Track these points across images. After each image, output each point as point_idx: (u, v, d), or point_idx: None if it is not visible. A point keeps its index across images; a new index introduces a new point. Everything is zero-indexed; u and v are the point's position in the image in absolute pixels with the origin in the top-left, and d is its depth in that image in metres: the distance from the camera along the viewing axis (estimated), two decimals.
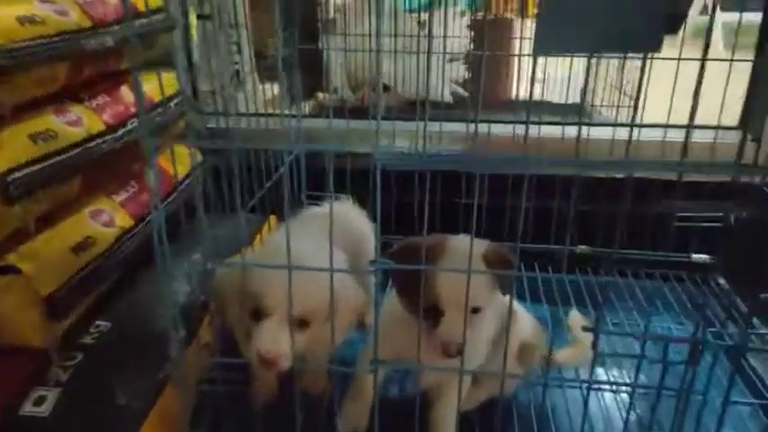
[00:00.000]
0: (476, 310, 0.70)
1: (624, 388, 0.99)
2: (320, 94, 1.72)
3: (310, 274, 0.68)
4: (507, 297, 0.90)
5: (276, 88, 1.40)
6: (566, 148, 1.33)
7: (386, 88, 1.78)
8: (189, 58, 1.36)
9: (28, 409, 0.71)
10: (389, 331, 0.76)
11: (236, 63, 1.52)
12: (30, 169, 0.75)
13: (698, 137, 1.33)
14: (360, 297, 0.76)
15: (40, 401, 0.71)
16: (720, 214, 1.19)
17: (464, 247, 0.65)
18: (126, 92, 1.00)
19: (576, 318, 1.00)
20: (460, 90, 1.77)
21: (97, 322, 0.86)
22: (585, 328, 0.68)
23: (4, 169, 0.72)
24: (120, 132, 0.93)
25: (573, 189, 1.16)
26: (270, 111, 1.33)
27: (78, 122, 0.86)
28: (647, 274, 1.25)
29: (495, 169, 1.18)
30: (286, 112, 1.22)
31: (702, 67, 0.65)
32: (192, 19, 1.42)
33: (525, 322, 0.91)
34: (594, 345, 0.65)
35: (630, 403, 0.71)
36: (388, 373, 0.93)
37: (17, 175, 0.73)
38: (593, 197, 1.21)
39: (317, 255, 0.67)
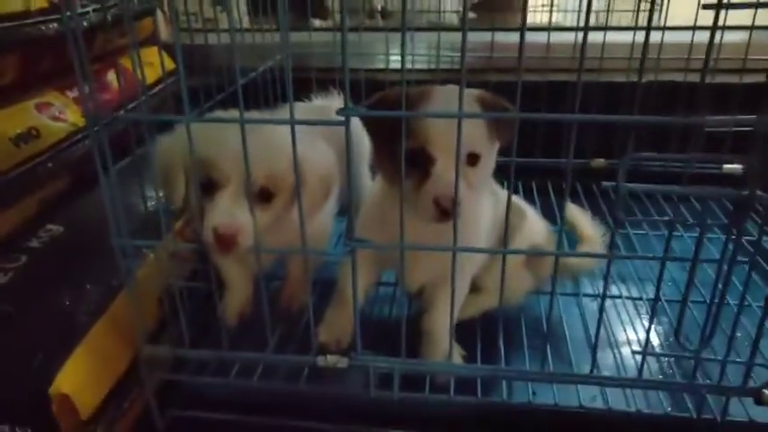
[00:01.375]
0: (473, 160, 0.57)
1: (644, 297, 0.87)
2: (317, 22, 1.59)
3: (270, 136, 0.57)
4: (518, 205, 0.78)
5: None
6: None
7: (384, 14, 1.64)
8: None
9: None
10: (372, 220, 0.65)
11: None
12: None
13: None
14: (329, 163, 0.64)
15: None
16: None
17: (452, 90, 0.53)
18: None
19: (574, 211, 0.88)
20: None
21: (48, 226, 0.76)
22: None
23: None
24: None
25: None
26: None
27: None
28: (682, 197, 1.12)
29: None
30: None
31: None
32: None
33: (536, 223, 0.79)
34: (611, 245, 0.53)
35: (658, 288, 0.58)
36: (372, 292, 0.82)
37: None
38: (613, 105, 1.08)
39: (286, 133, 0.55)
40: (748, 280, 0.57)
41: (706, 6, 0.48)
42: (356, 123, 0.90)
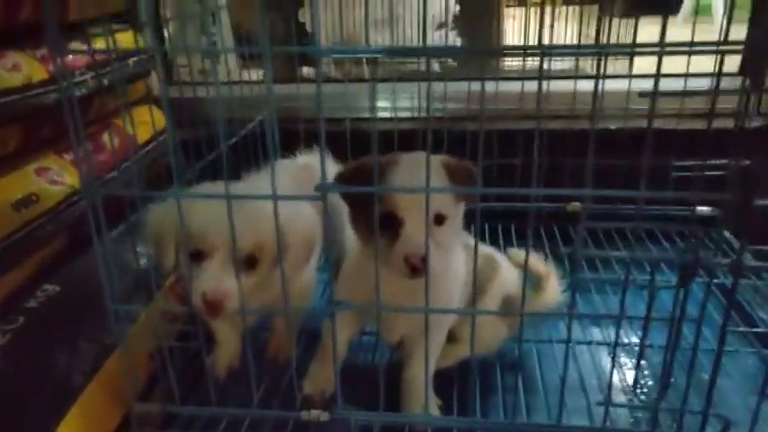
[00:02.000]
0: (439, 220, 0.62)
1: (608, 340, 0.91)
2: (305, 69, 1.65)
3: (256, 205, 0.61)
4: (485, 248, 0.83)
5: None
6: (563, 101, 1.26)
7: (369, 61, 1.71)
8: (157, 12, 1.29)
9: None
10: (352, 277, 0.69)
11: (213, 34, 1.46)
12: None
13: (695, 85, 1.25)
14: (311, 227, 0.69)
15: None
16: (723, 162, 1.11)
17: (419, 157, 0.58)
18: (75, 44, 0.94)
19: (514, 254, 0.92)
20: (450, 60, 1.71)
21: (44, 286, 0.79)
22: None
23: None
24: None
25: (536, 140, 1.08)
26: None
27: (16, 69, 0.80)
28: (645, 231, 1.17)
29: None
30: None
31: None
32: None
33: (508, 272, 0.84)
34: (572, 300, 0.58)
35: (615, 348, 0.63)
36: (355, 339, 0.86)
37: None
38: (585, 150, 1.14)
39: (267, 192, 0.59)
40: (698, 333, 0.61)
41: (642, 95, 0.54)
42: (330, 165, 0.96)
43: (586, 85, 1.27)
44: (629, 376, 0.85)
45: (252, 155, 1.04)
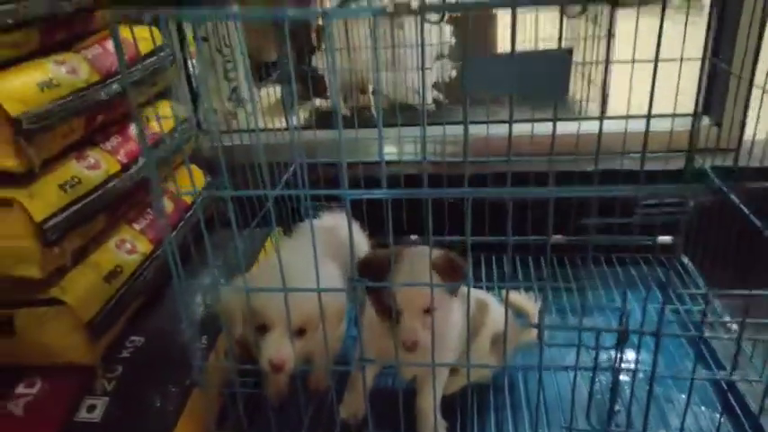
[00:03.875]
0: (428, 311, 0.82)
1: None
2: (317, 101, 1.82)
3: (304, 284, 0.81)
4: (477, 293, 1.03)
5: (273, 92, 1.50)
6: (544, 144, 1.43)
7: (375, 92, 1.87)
8: (190, 85, 1.46)
9: (82, 415, 0.86)
10: (370, 334, 0.90)
11: (233, 80, 1.63)
12: (62, 215, 0.88)
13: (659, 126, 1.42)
14: (339, 305, 0.89)
15: (91, 409, 0.87)
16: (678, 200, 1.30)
17: (417, 256, 0.79)
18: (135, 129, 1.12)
19: (515, 297, 1.12)
20: (441, 96, 1.87)
21: (131, 338, 1.00)
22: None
23: (40, 219, 0.85)
24: (133, 169, 1.05)
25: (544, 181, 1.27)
26: (269, 118, 1.43)
27: (97, 166, 0.99)
28: (617, 258, 1.37)
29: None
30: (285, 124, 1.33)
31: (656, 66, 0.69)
32: (190, 39, 1.52)
33: (497, 312, 1.04)
34: (540, 337, 0.78)
35: (574, 383, 0.83)
36: (377, 368, 1.07)
37: (52, 222, 0.86)
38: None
39: (310, 271, 0.79)
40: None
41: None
42: (359, 241, 1.15)
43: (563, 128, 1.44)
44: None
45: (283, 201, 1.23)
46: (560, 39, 0.66)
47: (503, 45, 1.93)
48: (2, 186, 0.84)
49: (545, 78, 0.60)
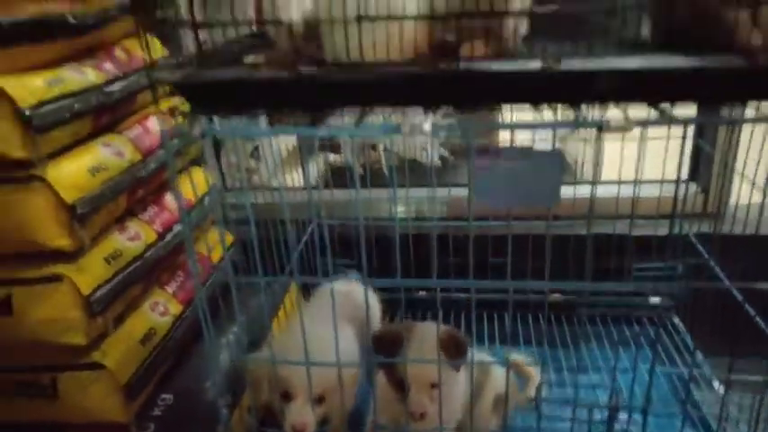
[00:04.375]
0: (434, 386, 0.91)
1: None
2: (331, 156, 1.92)
3: (324, 357, 0.90)
4: (479, 355, 1.11)
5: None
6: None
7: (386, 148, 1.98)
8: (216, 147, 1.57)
9: None
10: (383, 400, 0.99)
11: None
12: (106, 287, 0.97)
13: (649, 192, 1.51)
14: (355, 371, 0.98)
15: None
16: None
17: (424, 334, 0.88)
18: (169, 199, 1.22)
19: (516, 362, 1.20)
20: (446, 153, 1.98)
21: (162, 396, 1.09)
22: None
23: (88, 292, 0.94)
24: (168, 237, 1.15)
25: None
26: (287, 167, 1.51)
27: (137, 237, 1.08)
28: (612, 317, 1.46)
29: None
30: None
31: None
32: None
33: (498, 372, 1.13)
34: (537, 407, 0.87)
35: None
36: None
37: (98, 294, 0.95)
38: (563, 252, 1.42)
39: (330, 343, 0.88)
40: None
41: None
42: (373, 305, 1.24)
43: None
44: None
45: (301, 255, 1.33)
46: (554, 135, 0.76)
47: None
48: (54, 262, 0.93)
49: (540, 185, 0.70)
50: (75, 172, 0.94)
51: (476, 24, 0.70)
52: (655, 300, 1.43)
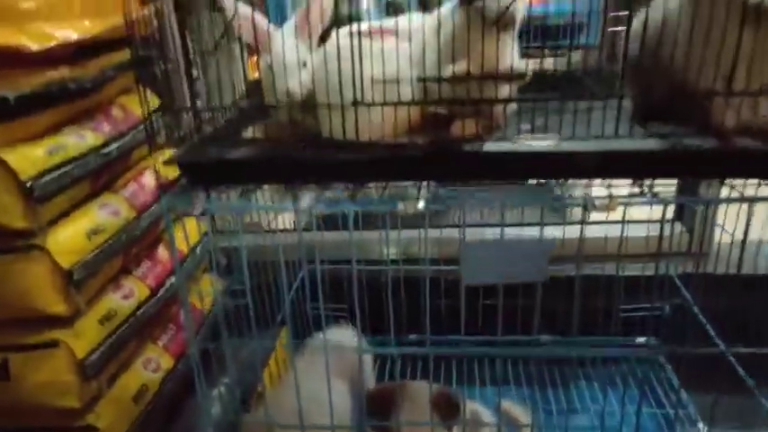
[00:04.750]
0: None
1: None
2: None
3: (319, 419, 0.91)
4: (471, 405, 1.13)
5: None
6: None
7: None
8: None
9: None
10: None
11: None
12: (100, 350, 0.98)
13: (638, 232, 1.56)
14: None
15: None
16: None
17: (417, 394, 0.90)
18: (162, 251, 1.23)
19: (507, 408, 1.22)
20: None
21: None
22: None
23: (82, 356, 0.94)
24: (160, 292, 1.15)
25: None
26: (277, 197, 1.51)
27: (130, 294, 1.09)
28: (600, 356, 1.49)
29: None
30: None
31: None
32: None
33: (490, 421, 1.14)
34: None
35: None
36: None
37: (92, 357, 0.96)
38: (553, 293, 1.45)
39: (324, 399, 0.88)
40: None
41: None
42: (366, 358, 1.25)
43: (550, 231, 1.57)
44: None
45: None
46: (542, 230, 0.79)
47: None
48: (50, 328, 0.93)
49: (528, 267, 0.73)
50: (72, 237, 0.95)
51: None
52: (641, 339, 1.46)
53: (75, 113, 1.04)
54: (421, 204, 0.71)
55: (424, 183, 0.75)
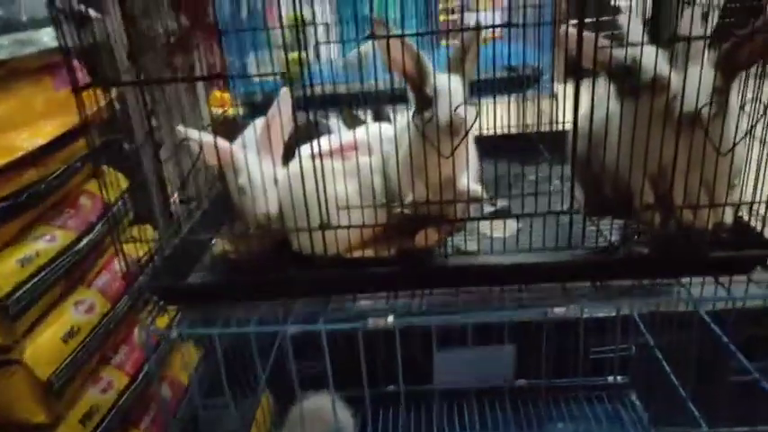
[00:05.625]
0: None
1: None
2: None
3: None
4: None
5: None
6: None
7: None
8: None
9: None
10: None
11: None
12: None
13: None
14: None
15: None
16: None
17: None
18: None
19: None
20: None
21: None
22: None
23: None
24: (139, 378, 1.16)
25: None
26: None
27: (110, 386, 1.09)
28: (573, 397, 1.55)
29: None
30: None
31: None
32: None
33: None
34: None
35: None
36: None
37: None
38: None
39: None
40: None
41: None
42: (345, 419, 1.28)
43: None
44: None
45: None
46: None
47: None
48: None
49: (496, 368, 0.78)
50: (49, 345, 0.96)
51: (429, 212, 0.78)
52: (611, 379, 1.53)
53: (43, 212, 1.04)
54: (390, 319, 0.74)
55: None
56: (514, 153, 0.89)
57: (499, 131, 0.90)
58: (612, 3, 0.82)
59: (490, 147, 0.81)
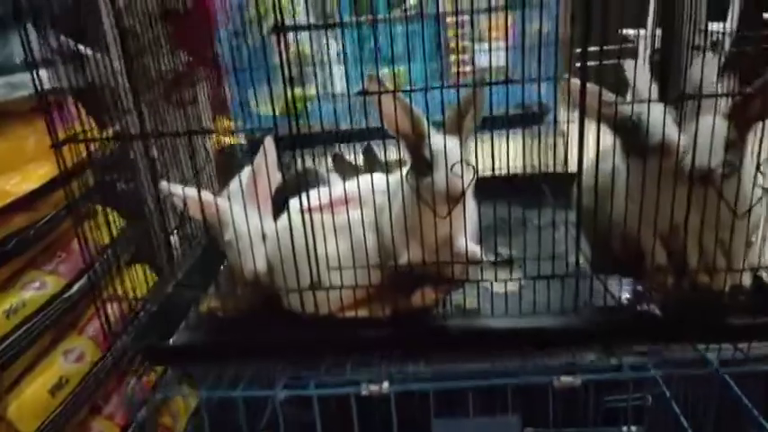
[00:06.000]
0: None
1: None
2: None
3: None
4: None
5: None
6: None
7: None
8: None
9: None
10: None
11: None
12: None
13: None
14: None
15: None
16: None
17: None
18: None
19: None
20: None
21: None
22: None
23: None
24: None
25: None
26: None
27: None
28: None
29: None
30: None
31: None
32: None
33: None
34: None
35: None
36: None
37: None
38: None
39: None
40: None
41: None
42: None
43: None
44: None
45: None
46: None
47: None
48: None
49: None
50: (35, 399, 0.93)
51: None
52: (625, 429, 1.45)
53: (33, 256, 1.02)
54: (386, 385, 0.69)
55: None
56: (517, 195, 0.84)
57: (501, 172, 0.86)
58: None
59: (491, 188, 0.77)
